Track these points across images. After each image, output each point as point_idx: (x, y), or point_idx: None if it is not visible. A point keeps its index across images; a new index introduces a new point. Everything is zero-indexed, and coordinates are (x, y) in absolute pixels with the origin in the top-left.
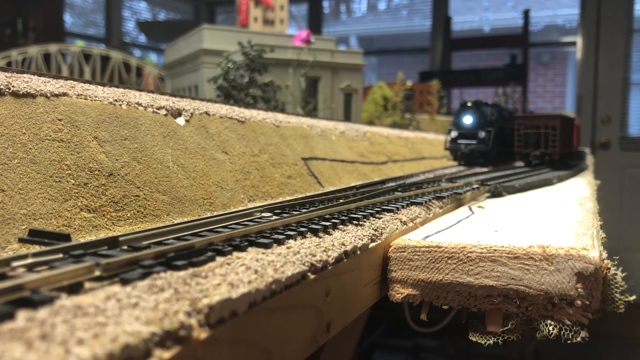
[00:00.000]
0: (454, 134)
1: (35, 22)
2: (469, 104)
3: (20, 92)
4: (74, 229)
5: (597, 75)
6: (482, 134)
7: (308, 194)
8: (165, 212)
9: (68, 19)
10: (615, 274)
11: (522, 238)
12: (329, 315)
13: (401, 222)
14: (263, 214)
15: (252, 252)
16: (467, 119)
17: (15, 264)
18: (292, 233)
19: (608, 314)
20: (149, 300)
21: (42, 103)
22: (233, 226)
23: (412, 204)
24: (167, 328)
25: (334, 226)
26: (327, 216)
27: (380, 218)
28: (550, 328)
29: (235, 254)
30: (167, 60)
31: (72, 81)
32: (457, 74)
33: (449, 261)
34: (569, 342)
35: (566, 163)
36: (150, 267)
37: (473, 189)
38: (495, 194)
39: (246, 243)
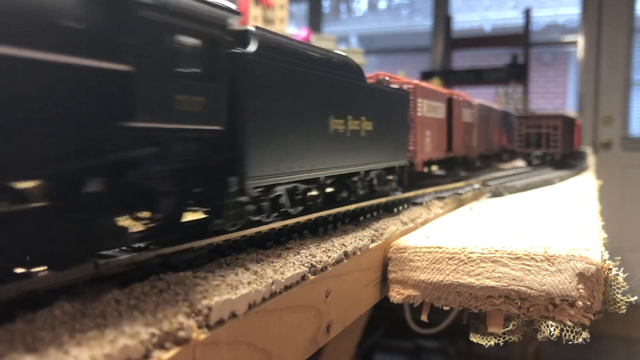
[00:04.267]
0: None
1: None
2: None
3: None
4: None
5: (598, 74)
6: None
7: None
8: None
9: None
10: (617, 275)
11: (524, 238)
12: (329, 316)
13: (402, 222)
14: None
15: (252, 253)
16: None
17: None
18: (291, 233)
19: (609, 315)
20: (149, 301)
21: None
22: None
23: (413, 204)
24: (166, 329)
25: (334, 226)
26: (327, 216)
27: (380, 218)
28: (552, 329)
29: (234, 254)
30: None
31: None
32: (458, 73)
33: (450, 262)
34: (570, 343)
35: (567, 163)
36: (150, 268)
37: (474, 189)
38: (496, 194)
39: (246, 243)
